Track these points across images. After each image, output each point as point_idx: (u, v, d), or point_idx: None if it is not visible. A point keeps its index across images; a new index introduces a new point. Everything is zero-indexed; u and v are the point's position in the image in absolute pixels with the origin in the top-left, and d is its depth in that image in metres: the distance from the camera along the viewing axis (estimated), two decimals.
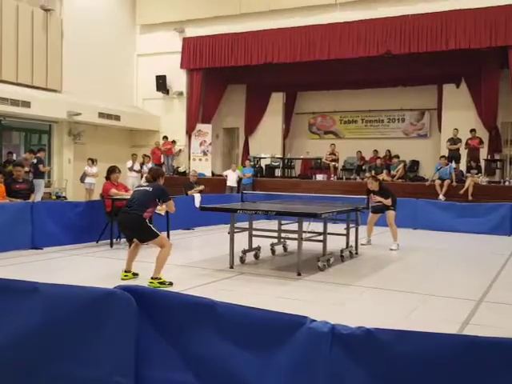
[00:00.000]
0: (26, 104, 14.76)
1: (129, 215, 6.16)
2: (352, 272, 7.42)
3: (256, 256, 8.10)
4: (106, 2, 18.63)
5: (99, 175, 13.84)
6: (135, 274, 6.47)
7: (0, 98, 14.11)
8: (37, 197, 11.02)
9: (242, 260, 7.64)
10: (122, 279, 6.26)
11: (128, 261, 6.48)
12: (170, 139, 18.40)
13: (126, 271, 6.43)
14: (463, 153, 15.48)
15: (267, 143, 19.20)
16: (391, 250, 9.25)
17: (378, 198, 9.42)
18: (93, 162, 15.43)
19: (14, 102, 14.46)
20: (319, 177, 16.98)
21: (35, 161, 13.31)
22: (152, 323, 2.61)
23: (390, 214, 9.48)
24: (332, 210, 7.44)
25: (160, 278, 6.02)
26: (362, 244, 9.43)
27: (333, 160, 17.42)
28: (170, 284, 5.98)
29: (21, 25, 15.50)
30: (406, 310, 5.41)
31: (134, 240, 6.50)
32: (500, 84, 15.98)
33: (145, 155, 17.11)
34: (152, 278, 6.00)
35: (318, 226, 7.76)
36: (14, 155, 15.13)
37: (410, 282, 6.87)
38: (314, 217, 7.02)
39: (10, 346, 2.67)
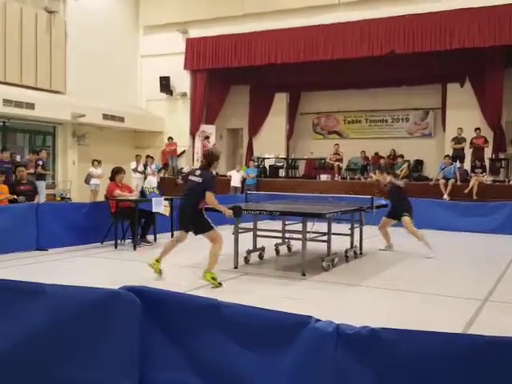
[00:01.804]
0: (30, 106, 14.81)
1: (185, 204, 6.35)
2: (357, 272, 7.41)
3: (260, 256, 8.10)
4: (109, 3, 18.66)
5: (104, 176, 13.87)
6: (161, 271, 6.53)
7: (4, 99, 14.15)
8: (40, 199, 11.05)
9: (247, 260, 7.64)
10: (150, 266, 6.43)
11: (163, 251, 6.57)
12: (175, 139, 18.47)
13: (157, 260, 6.52)
14: (468, 152, 15.43)
15: (271, 144, 19.17)
16: (428, 258, 8.44)
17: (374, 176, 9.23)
18: (98, 163, 15.47)
19: (19, 104, 14.51)
20: (323, 177, 16.95)
21: (40, 162, 13.31)
22: (157, 324, 2.61)
23: (406, 220, 8.79)
24: (336, 210, 7.43)
25: (213, 274, 6.09)
26: (381, 249, 9.09)
27: (337, 160, 17.39)
28: (220, 284, 6.03)
29: (25, 27, 15.55)
30: (411, 309, 5.40)
31: (177, 233, 6.60)
32: (504, 83, 15.93)
33: (148, 156, 17.13)
34: (206, 271, 6.10)
35: (322, 226, 7.76)
36: (18, 157, 15.16)
37: (415, 281, 6.85)
38: (318, 217, 7.01)
39: (17, 347, 2.68)
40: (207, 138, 18.73)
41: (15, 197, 8.92)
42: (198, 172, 6.42)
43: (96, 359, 2.59)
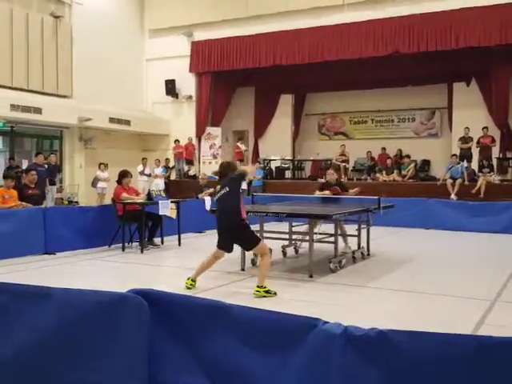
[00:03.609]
0: (38, 110, 14.88)
1: (226, 221, 5.97)
2: (364, 273, 7.38)
3: None
4: (114, 7, 18.74)
5: (110, 180, 13.92)
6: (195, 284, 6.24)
7: (12, 104, 14.23)
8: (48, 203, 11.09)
9: (254, 262, 7.63)
10: (188, 288, 6.06)
11: (199, 270, 6.22)
12: (181, 142, 18.51)
13: (192, 280, 6.18)
14: (475, 151, 15.36)
15: (277, 145, 19.19)
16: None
17: (352, 191, 8.94)
18: (105, 166, 15.53)
19: (26, 109, 14.59)
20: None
21: (46, 166, 13.36)
22: (165, 326, 2.61)
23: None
24: (343, 211, 7.41)
25: (265, 287, 5.86)
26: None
27: (343, 161, 17.36)
28: (275, 294, 5.82)
29: (31, 32, 15.64)
30: (419, 310, 5.37)
31: (217, 252, 6.21)
32: (511, 81, 15.85)
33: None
34: (258, 287, 5.84)
35: (329, 228, 7.74)
36: (26, 161, 15.26)
37: (423, 282, 6.82)
38: (325, 218, 7.00)
39: (24, 351, 2.69)
40: (240, 139, 18.88)
41: (23, 204, 8.94)
42: (219, 187, 6.13)
43: (104, 362, 2.59)
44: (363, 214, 8.28)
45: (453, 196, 13.82)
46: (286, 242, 8.53)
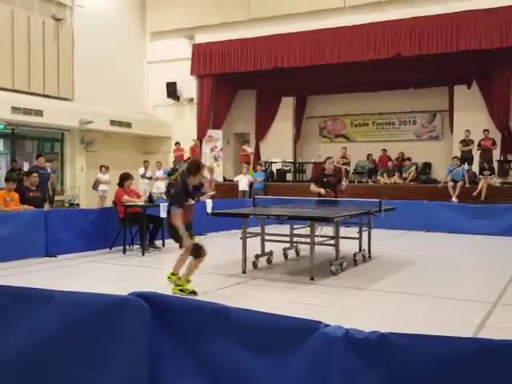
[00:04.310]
0: (39, 113, 14.92)
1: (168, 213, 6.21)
2: (365, 276, 7.38)
3: (269, 261, 8.09)
4: (116, 10, 18.79)
5: (112, 182, 13.93)
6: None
7: (13, 107, 14.27)
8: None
9: (255, 265, 7.63)
10: (167, 279, 6.23)
11: (176, 264, 6.33)
12: (182, 145, 18.52)
13: (172, 274, 6.27)
14: (476, 154, 15.36)
15: (278, 148, 19.19)
16: None
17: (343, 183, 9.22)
18: (106, 169, 15.55)
19: (27, 111, 14.62)
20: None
21: (49, 170, 13.40)
22: (166, 329, 2.62)
23: None
24: (344, 213, 7.41)
25: (180, 278, 5.92)
26: None
27: (344, 163, 17.36)
28: (194, 293, 5.78)
29: (32, 35, 15.69)
30: (421, 313, 5.37)
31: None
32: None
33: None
34: (172, 274, 5.92)
35: (330, 230, 7.74)
36: (27, 164, 15.28)
37: (424, 284, 6.81)
38: (326, 221, 7.00)
39: (25, 353, 2.69)
40: (246, 142, 19.01)
41: (25, 206, 8.95)
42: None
43: (105, 364, 2.59)
44: (364, 216, 8.29)
45: (454, 199, 13.81)
46: (287, 245, 8.53)
